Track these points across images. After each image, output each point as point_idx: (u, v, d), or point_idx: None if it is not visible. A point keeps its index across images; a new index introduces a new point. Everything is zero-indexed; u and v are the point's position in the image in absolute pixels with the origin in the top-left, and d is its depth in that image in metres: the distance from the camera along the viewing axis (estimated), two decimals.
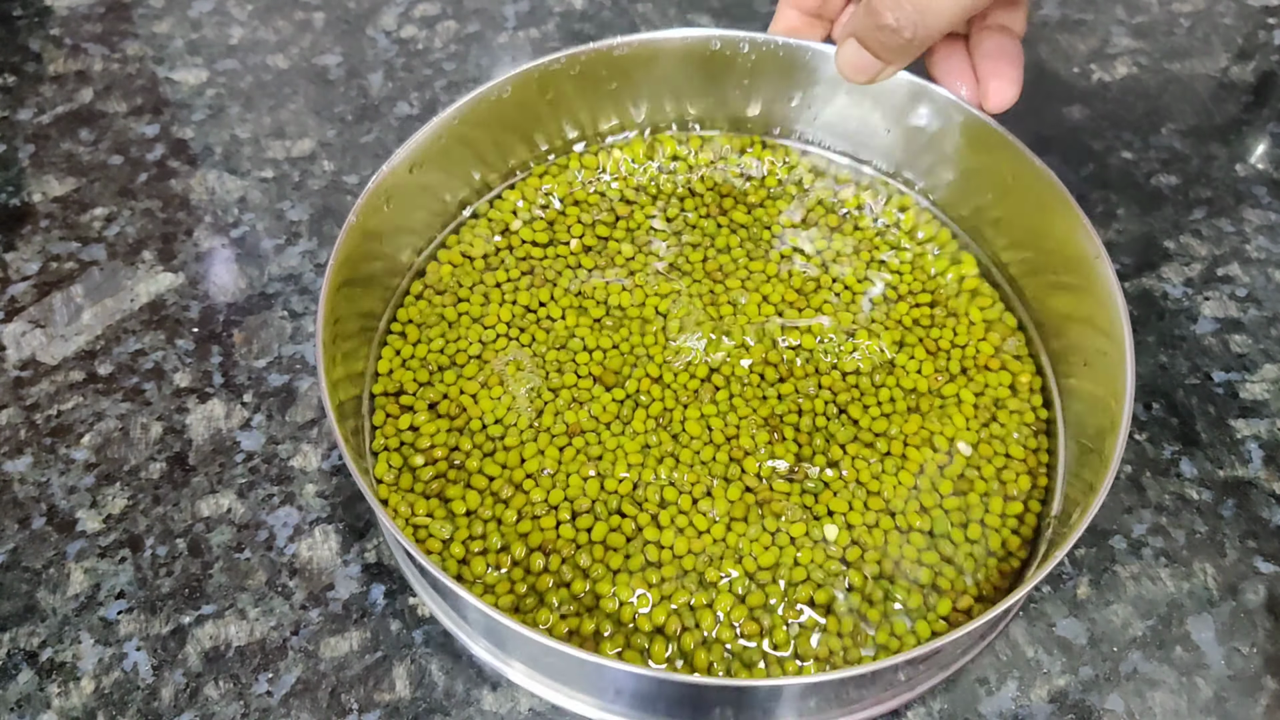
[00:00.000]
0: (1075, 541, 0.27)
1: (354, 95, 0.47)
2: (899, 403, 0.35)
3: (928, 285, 0.38)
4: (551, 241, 0.39)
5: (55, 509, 0.35)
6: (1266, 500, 0.36)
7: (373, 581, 0.33)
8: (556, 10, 0.51)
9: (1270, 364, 0.39)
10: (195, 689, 0.31)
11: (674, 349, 0.36)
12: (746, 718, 0.29)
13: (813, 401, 0.35)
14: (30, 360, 0.38)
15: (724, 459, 0.34)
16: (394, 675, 0.32)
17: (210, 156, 0.45)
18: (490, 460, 0.34)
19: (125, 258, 0.41)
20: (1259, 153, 0.46)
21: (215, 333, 0.39)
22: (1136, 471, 0.36)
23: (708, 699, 0.28)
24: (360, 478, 0.28)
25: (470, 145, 0.37)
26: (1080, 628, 0.33)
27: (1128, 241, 0.42)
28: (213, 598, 0.33)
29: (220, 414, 0.37)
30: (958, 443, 0.34)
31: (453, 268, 0.38)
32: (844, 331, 0.37)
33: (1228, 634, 0.33)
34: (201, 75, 0.48)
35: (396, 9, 0.50)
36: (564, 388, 0.35)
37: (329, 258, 0.32)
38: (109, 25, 0.50)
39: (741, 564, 0.32)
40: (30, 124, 0.46)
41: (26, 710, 0.31)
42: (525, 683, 0.31)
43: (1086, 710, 0.31)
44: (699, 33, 0.38)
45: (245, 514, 0.35)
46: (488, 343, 0.36)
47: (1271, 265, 0.42)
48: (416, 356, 0.36)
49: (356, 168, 0.44)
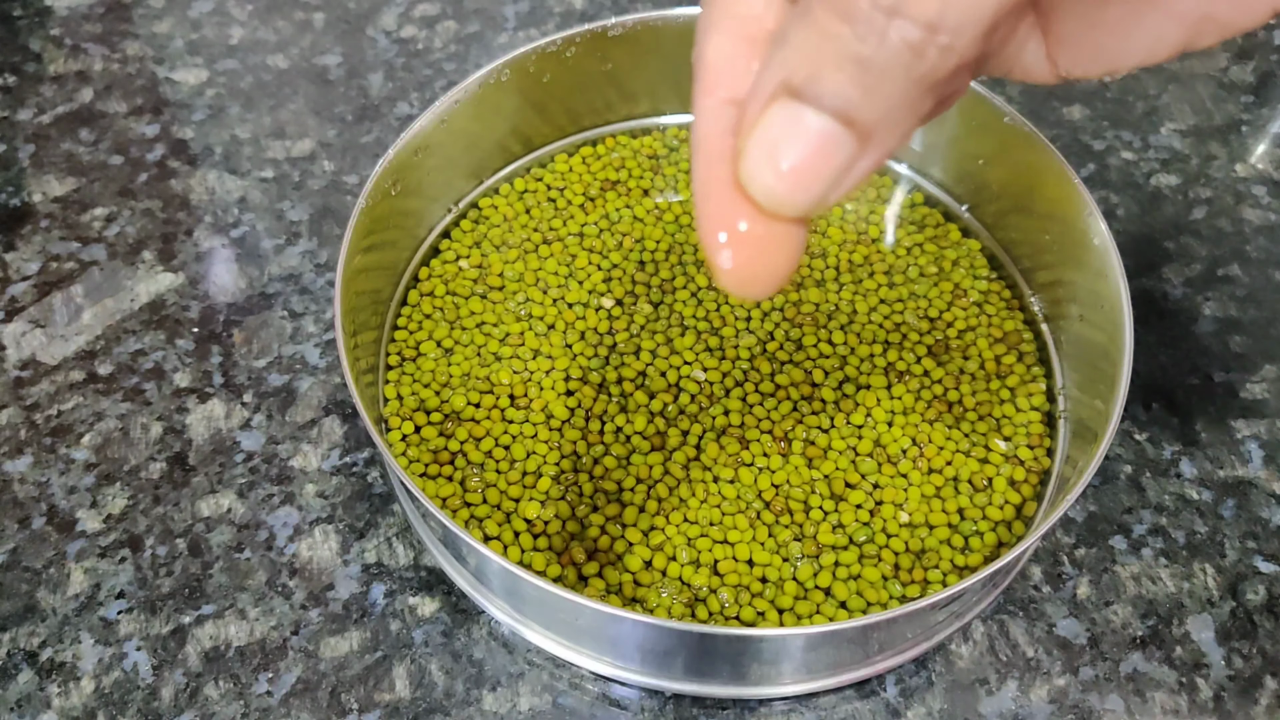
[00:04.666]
0: (1081, 493, 0.27)
1: (354, 95, 0.47)
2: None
3: (928, 266, 0.38)
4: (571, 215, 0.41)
5: (55, 509, 0.35)
6: (1266, 500, 0.36)
7: (373, 581, 0.33)
8: (557, 10, 0.51)
9: (1270, 364, 0.39)
10: (195, 689, 0.31)
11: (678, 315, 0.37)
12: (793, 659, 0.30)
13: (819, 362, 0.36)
14: (30, 360, 0.38)
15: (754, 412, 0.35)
16: (394, 675, 0.32)
17: (210, 156, 0.45)
18: (509, 424, 0.35)
19: (125, 258, 0.41)
20: (1259, 153, 0.46)
21: (215, 333, 0.39)
22: (1136, 471, 0.36)
23: (753, 650, 0.29)
24: (384, 447, 0.29)
25: (505, 114, 0.39)
26: (1080, 628, 0.33)
27: (1128, 241, 0.42)
28: (213, 598, 0.33)
29: (220, 414, 0.37)
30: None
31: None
32: (840, 307, 0.37)
33: (1227, 634, 0.33)
34: (201, 75, 0.48)
35: (396, 9, 0.50)
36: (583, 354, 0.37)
37: (346, 232, 0.33)
38: (109, 25, 0.50)
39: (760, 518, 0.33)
40: (30, 124, 0.46)
41: (26, 710, 0.31)
42: (542, 642, 0.32)
43: (1086, 710, 0.31)
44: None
45: (245, 514, 0.35)
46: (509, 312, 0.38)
47: (1271, 265, 0.42)
48: (434, 319, 0.38)
49: (356, 168, 0.44)
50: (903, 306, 0.38)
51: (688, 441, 0.34)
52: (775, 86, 0.15)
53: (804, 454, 0.34)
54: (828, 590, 0.32)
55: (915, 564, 0.32)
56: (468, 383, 0.36)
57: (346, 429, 0.37)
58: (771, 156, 0.15)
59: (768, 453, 0.34)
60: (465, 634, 0.32)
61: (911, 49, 0.13)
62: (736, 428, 0.34)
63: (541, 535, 0.33)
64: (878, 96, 0.14)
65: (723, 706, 0.31)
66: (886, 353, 0.36)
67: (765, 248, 0.16)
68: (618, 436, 0.34)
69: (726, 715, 0.31)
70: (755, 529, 0.32)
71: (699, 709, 0.31)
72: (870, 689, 0.32)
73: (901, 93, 0.14)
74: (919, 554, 0.32)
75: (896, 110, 0.14)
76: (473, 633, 0.32)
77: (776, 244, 0.16)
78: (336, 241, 0.42)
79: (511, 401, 0.35)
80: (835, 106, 0.14)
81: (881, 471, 0.34)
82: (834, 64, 0.14)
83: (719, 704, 0.31)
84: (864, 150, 0.15)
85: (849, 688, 0.32)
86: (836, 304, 0.38)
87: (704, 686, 0.31)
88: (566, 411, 0.35)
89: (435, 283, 0.38)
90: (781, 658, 0.29)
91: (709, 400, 0.35)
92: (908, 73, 0.14)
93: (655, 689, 0.31)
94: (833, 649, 0.30)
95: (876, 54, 0.13)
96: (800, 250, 0.16)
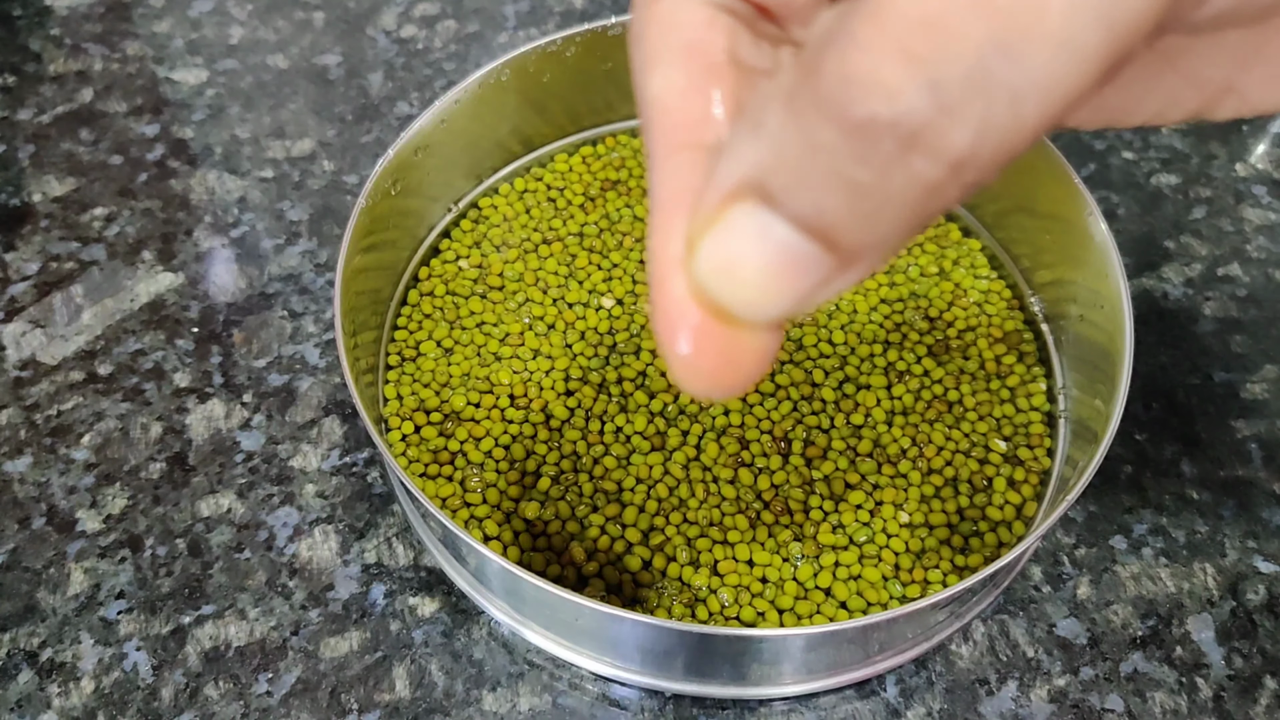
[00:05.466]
0: (1080, 493, 0.27)
1: (354, 95, 0.47)
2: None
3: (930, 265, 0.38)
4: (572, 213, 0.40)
5: (55, 509, 0.35)
6: (1266, 500, 0.36)
7: (373, 581, 0.33)
8: (557, 10, 0.51)
9: (1270, 364, 0.39)
10: (195, 689, 0.31)
11: None
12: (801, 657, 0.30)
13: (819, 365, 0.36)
14: (30, 360, 0.38)
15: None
16: (394, 675, 0.32)
17: (210, 156, 0.45)
18: (509, 424, 0.35)
19: (125, 258, 0.41)
20: (1259, 153, 0.46)
21: (215, 333, 0.39)
22: (1136, 471, 0.36)
23: (754, 649, 0.29)
24: (384, 448, 0.29)
25: (504, 113, 0.39)
26: (1080, 628, 0.33)
27: (1128, 241, 0.42)
28: (213, 598, 0.33)
29: (220, 414, 0.37)
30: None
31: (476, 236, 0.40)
32: (841, 309, 0.37)
33: (1227, 634, 0.33)
34: (201, 75, 0.48)
35: (396, 9, 0.50)
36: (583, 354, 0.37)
37: (345, 231, 0.32)
38: (109, 25, 0.50)
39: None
40: (30, 124, 0.46)
41: (26, 710, 0.31)
42: (541, 643, 0.32)
43: (1086, 710, 0.31)
44: None
45: (245, 514, 0.35)
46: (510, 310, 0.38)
47: (1271, 265, 0.42)
48: (434, 318, 0.38)
49: (356, 168, 0.44)
50: (903, 306, 0.38)
51: (688, 441, 0.34)
52: (740, 181, 0.11)
53: (804, 454, 0.34)
54: (828, 590, 0.32)
55: (915, 564, 0.32)
56: (468, 383, 0.36)
57: (346, 429, 0.37)
58: (731, 266, 0.12)
59: (767, 453, 0.34)
60: (465, 634, 0.32)
61: (926, 187, 0.10)
62: (736, 428, 0.34)
63: (541, 535, 0.33)
64: (873, 224, 0.11)
65: (723, 707, 0.31)
66: (886, 353, 0.36)
67: (728, 350, 0.13)
68: (618, 436, 0.34)
69: (726, 715, 0.31)
70: (755, 529, 0.32)
71: (699, 709, 0.31)
72: (870, 689, 0.32)
73: (904, 223, 0.11)
74: (919, 554, 0.32)
75: (892, 237, 0.11)
76: (473, 633, 0.32)
77: (741, 347, 0.13)
78: (336, 241, 0.42)
79: (511, 401, 0.35)
80: (815, 227, 0.11)
81: (881, 472, 0.34)
82: (823, 179, 0.11)
83: (719, 704, 0.31)
84: (843, 271, 0.12)
85: (849, 688, 0.32)
86: (836, 304, 0.38)
87: (704, 687, 0.31)
88: (566, 411, 0.35)
89: (435, 283, 0.38)
90: (781, 658, 0.29)
91: (709, 400, 0.35)
92: (916, 207, 0.11)
93: (655, 689, 0.31)
94: (833, 649, 0.30)
95: (881, 183, 0.10)
96: (772, 354, 0.13)
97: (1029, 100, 0.10)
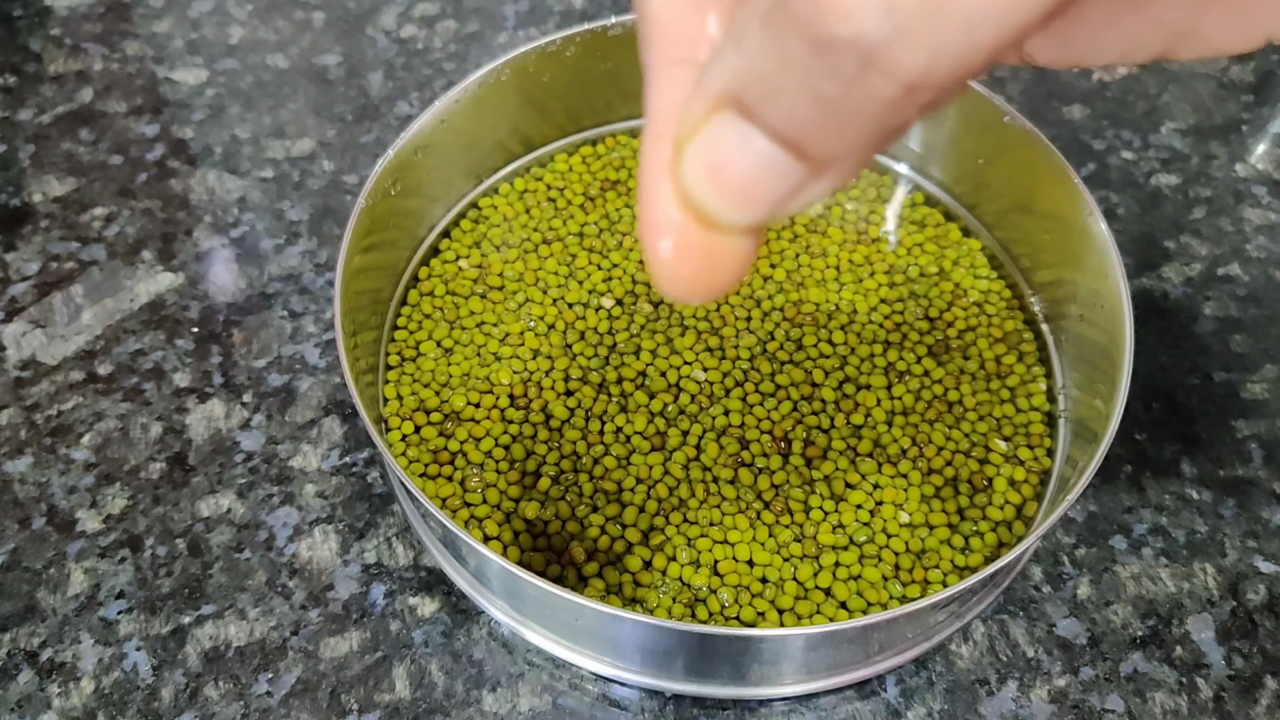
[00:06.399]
0: (1080, 492, 0.27)
1: (354, 95, 0.47)
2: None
3: (930, 266, 0.38)
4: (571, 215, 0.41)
5: (55, 509, 0.35)
6: (1266, 500, 0.36)
7: (373, 581, 0.33)
8: (557, 9, 0.51)
9: (1270, 364, 0.39)
10: (195, 689, 0.31)
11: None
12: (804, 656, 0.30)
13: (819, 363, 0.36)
14: (30, 360, 0.38)
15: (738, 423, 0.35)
16: (394, 675, 0.32)
17: (210, 156, 0.45)
18: (508, 424, 0.35)
19: (125, 258, 0.41)
20: (1259, 153, 0.46)
21: (215, 333, 0.39)
22: (1136, 471, 0.36)
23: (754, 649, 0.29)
24: (385, 449, 0.29)
25: (505, 112, 0.39)
26: (1080, 628, 0.33)
27: (1128, 241, 0.42)
28: (213, 598, 0.33)
29: (220, 414, 0.37)
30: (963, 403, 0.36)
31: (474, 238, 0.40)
32: (841, 308, 0.37)
33: (1228, 634, 0.33)
34: (201, 75, 0.48)
35: (396, 9, 0.50)
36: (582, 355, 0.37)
37: (345, 231, 0.33)
38: (109, 25, 0.50)
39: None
40: (30, 124, 0.46)
41: (27, 710, 0.31)
42: (541, 643, 0.32)
43: (1087, 710, 0.31)
44: None
45: (245, 514, 0.35)
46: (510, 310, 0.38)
47: (1271, 265, 0.42)
48: (434, 319, 0.38)
49: (356, 167, 0.44)
50: (903, 306, 0.38)
51: (688, 441, 0.34)
52: (721, 91, 0.12)
53: (804, 454, 0.34)
54: (828, 590, 0.32)
55: (915, 564, 0.32)
56: (468, 383, 0.36)
57: (346, 429, 0.37)
58: (712, 171, 0.13)
59: (767, 453, 0.34)
60: (465, 634, 0.32)
61: (884, 103, 0.11)
62: (736, 428, 0.34)
63: (541, 535, 0.33)
64: (839, 136, 0.12)
65: (723, 707, 0.31)
66: (886, 353, 0.36)
67: (707, 253, 0.14)
68: (618, 436, 0.34)
69: (726, 715, 0.31)
70: (755, 529, 0.32)
71: (699, 709, 0.31)
72: (870, 689, 0.32)
73: (867, 136, 0.12)
74: (919, 554, 0.32)
75: (858, 149, 0.12)
76: (473, 633, 0.32)
77: (720, 251, 0.14)
78: (336, 241, 0.42)
79: (511, 401, 0.35)
80: (788, 137, 0.12)
81: (881, 472, 0.34)
82: (793, 93, 0.12)
83: (719, 704, 0.31)
84: (816, 179, 0.13)
85: (849, 688, 0.32)
86: (837, 304, 0.38)
87: (704, 687, 0.31)
88: (566, 411, 0.35)
89: (435, 283, 0.38)
90: (781, 658, 0.29)
91: (709, 400, 0.35)
92: (878, 122, 0.12)
93: (655, 689, 0.31)
94: (833, 649, 0.30)
95: (844, 98, 0.11)
96: (749, 260, 0.14)
97: (982, 25, 0.10)
